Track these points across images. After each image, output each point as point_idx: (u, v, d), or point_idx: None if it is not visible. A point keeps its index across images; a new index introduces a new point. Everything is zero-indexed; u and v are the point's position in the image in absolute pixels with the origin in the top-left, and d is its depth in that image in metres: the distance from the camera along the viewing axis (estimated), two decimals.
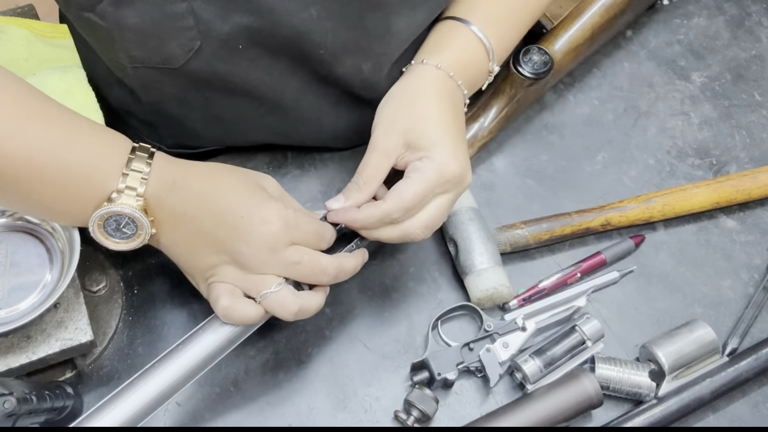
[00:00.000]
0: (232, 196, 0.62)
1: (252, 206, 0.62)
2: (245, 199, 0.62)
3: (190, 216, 0.61)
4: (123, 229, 0.61)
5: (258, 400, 0.72)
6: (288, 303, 0.62)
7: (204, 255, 0.63)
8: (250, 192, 0.63)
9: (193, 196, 0.61)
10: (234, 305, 0.62)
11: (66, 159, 0.58)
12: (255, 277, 0.62)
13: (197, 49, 0.66)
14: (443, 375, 0.70)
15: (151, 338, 0.74)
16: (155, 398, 0.62)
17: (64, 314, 0.67)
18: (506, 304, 0.77)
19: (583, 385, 0.69)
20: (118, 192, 0.59)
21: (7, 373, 0.64)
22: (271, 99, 0.74)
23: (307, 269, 0.63)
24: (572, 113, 0.91)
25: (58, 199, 0.59)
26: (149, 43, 0.66)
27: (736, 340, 0.75)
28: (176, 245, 0.64)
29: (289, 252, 0.62)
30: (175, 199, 0.61)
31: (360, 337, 0.75)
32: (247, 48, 0.68)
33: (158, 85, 0.72)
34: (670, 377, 0.72)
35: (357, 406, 0.72)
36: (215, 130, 0.81)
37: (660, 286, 0.80)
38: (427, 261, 0.80)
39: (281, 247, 0.62)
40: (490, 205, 0.84)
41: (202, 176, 0.63)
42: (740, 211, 0.85)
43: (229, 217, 0.61)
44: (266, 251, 0.61)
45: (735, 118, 0.92)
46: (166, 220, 0.62)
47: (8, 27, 0.79)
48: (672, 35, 0.98)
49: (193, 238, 0.62)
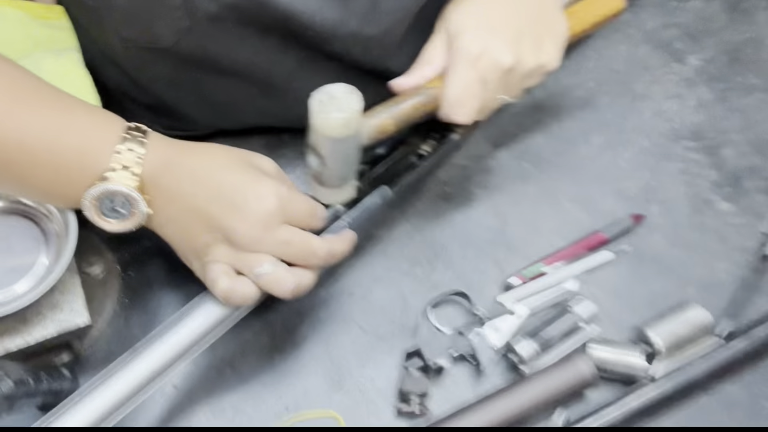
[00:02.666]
0: (226, 172, 0.62)
1: (246, 182, 0.61)
2: (240, 175, 0.62)
3: (184, 193, 0.61)
4: (118, 209, 0.61)
5: (254, 382, 0.72)
6: (285, 281, 0.62)
7: (198, 233, 0.62)
8: (245, 169, 0.63)
9: (187, 174, 0.61)
10: (234, 286, 0.62)
11: (59, 140, 0.58)
12: (249, 256, 0.62)
13: (186, 29, 0.66)
14: (436, 362, 0.71)
15: (148, 320, 0.74)
16: (148, 377, 0.61)
17: (60, 296, 0.67)
18: (508, 279, 0.77)
19: (577, 367, 0.69)
20: (112, 171, 0.59)
21: (3, 356, 0.64)
22: (263, 80, 0.74)
23: (298, 249, 0.63)
24: (568, 96, 0.91)
25: (53, 180, 0.59)
26: (137, 23, 0.66)
27: (730, 322, 0.76)
28: (170, 223, 0.63)
29: (281, 231, 0.62)
30: (169, 178, 0.61)
31: (355, 318, 0.75)
32: (235, 27, 0.67)
33: (150, 66, 0.72)
34: (664, 358, 0.72)
35: (352, 386, 0.72)
36: (208, 113, 0.81)
37: (654, 268, 0.80)
38: (422, 243, 0.80)
39: (274, 224, 0.61)
40: (485, 188, 0.84)
41: (197, 154, 0.63)
42: (735, 193, 0.85)
43: (224, 193, 0.61)
44: (260, 228, 0.61)
45: (730, 101, 0.92)
46: (161, 198, 0.61)
47: (3, 8, 0.79)
48: (668, 18, 0.98)
49: (186, 216, 0.62)
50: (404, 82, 0.69)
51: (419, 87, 0.68)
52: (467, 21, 0.69)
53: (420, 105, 0.68)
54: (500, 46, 0.67)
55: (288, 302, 0.75)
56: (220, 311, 0.64)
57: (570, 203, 0.84)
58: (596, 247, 0.80)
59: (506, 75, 0.68)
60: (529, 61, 0.69)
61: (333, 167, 0.66)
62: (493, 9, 0.69)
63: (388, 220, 0.81)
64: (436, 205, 0.83)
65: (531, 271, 0.78)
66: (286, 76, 0.75)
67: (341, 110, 0.62)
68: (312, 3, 0.67)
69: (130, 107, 0.83)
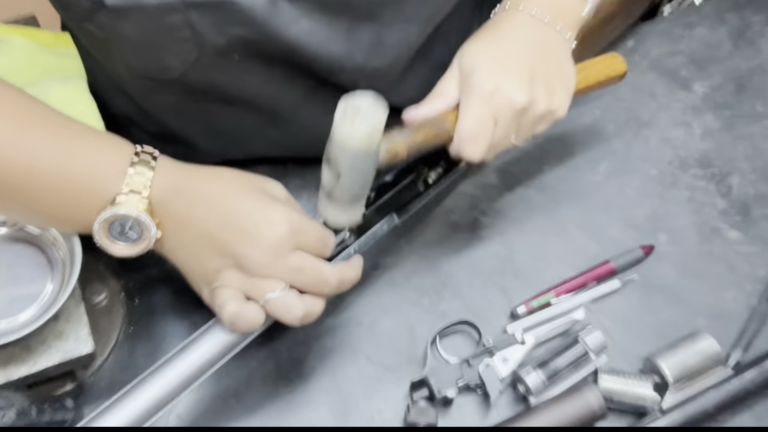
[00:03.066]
0: (239, 198, 0.62)
1: (258, 209, 0.61)
2: (251, 201, 0.62)
3: (196, 218, 0.61)
4: (128, 233, 0.60)
5: (259, 413, 0.71)
6: (294, 307, 0.61)
7: (208, 258, 0.62)
8: (257, 195, 0.62)
9: (199, 198, 0.61)
10: (241, 310, 0.61)
11: (67, 166, 0.58)
12: (259, 281, 0.61)
13: (194, 60, 0.66)
14: (443, 393, 0.70)
15: (152, 349, 0.73)
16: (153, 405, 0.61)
17: (64, 325, 0.66)
18: (516, 309, 0.77)
19: (585, 398, 0.69)
20: (122, 195, 0.58)
21: (7, 385, 0.64)
22: (269, 110, 0.74)
23: (310, 277, 0.62)
24: (573, 123, 0.91)
25: (62, 206, 0.59)
26: (146, 54, 0.66)
27: (740, 352, 0.75)
28: (181, 248, 0.63)
29: (293, 257, 0.61)
30: (180, 202, 0.61)
31: (362, 348, 0.75)
32: (243, 59, 0.68)
33: (157, 96, 0.72)
34: (674, 389, 0.71)
35: (359, 418, 0.71)
36: (216, 142, 0.81)
37: (663, 298, 0.80)
38: (429, 272, 0.80)
39: (286, 251, 0.61)
40: (492, 216, 0.83)
41: (209, 179, 0.63)
42: (743, 222, 0.85)
43: (236, 219, 0.60)
44: (271, 255, 0.60)
45: (737, 129, 0.92)
46: (171, 222, 0.61)
47: (10, 36, 0.79)
48: (673, 45, 0.98)
49: (197, 241, 0.62)
50: (417, 113, 0.69)
51: (431, 119, 0.68)
52: (483, 58, 0.68)
53: (432, 136, 0.68)
54: (514, 86, 0.67)
55: (294, 331, 0.74)
56: (227, 338, 0.63)
57: (577, 231, 0.84)
58: (605, 277, 0.80)
59: (518, 115, 0.68)
60: (542, 104, 0.69)
61: (348, 183, 0.64)
62: (509, 49, 0.69)
63: (394, 248, 0.81)
64: (443, 234, 0.82)
65: (540, 302, 0.77)
66: (292, 105, 0.75)
67: (366, 121, 0.61)
68: (318, 36, 0.67)
69: (137, 135, 0.82)
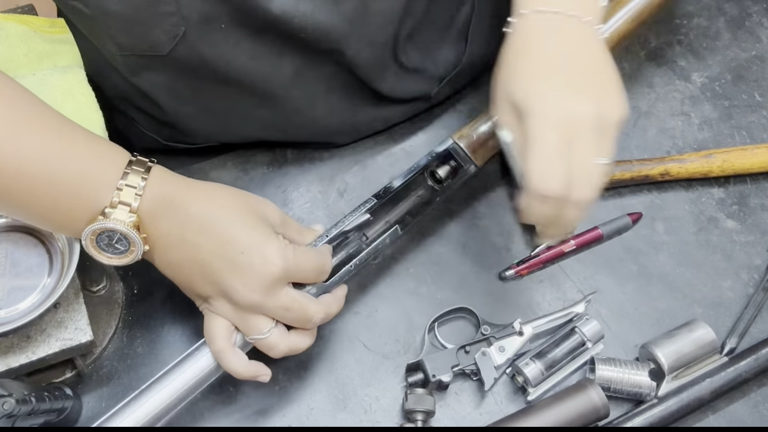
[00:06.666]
0: (234, 228, 0.61)
1: (254, 242, 0.61)
2: (248, 232, 0.61)
3: (187, 242, 0.60)
4: (115, 245, 0.60)
5: (258, 401, 0.72)
6: (277, 346, 0.63)
7: (198, 283, 0.62)
8: (254, 224, 0.62)
9: (192, 222, 0.60)
10: (226, 354, 0.63)
11: (58, 171, 0.57)
12: (248, 317, 0.62)
13: (182, 35, 0.66)
14: (438, 377, 0.70)
15: (151, 338, 0.74)
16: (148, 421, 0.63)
17: (63, 314, 0.67)
18: (504, 272, 0.78)
19: (589, 396, 0.69)
20: (111, 207, 0.58)
21: (6, 373, 0.64)
22: (261, 87, 0.74)
23: (296, 316, 0.63)
24: None
25: (51, 210, 0.59)
26: (134, 29, 0.66)
27: (736, 340, 0.75)
28: (170, 267, 0.63)
29: (282, 296, 0.62)
30: (172, 222, 0.60)
31: (360, 337, 0.75)
32: (229, 30, 0.68)
33: (149, 76, 0.72)
34: (670, 377, 0.72)
35: (357, 406, 0.72)
36: (208, 124, 0.80)
37: (660, 287, 0.80)
38: (427, 261, 0.80)
39: (277, 288, 0.61)
40: (490, 206, 0.83)
41: (203, 199, 0.62)
42: (740, 211, 0.85)
43: (229, 250, 0.60)
44: (260, 293, 0.60)
45: (735, 119, 0.92)
46: (162, 240, 0.61)
47: (6, 23, 0.79)
48: (672, 35, 0.98)
49: (188, 265, 0.62)
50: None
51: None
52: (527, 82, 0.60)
53: None
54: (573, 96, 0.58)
55: None
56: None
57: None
58: (592, 242, 0.81)
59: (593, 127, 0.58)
60: (610, 107, 0.59)
61: None
62: (551, 60, 0.60)
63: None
64: (441, 224, 0.82)
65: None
66: (283, 85, 0.74)
67: None
68: (303, 7, 0.67)
69: (134, 116, 0.82)
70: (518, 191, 0.60)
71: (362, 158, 0.85)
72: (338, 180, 0.84)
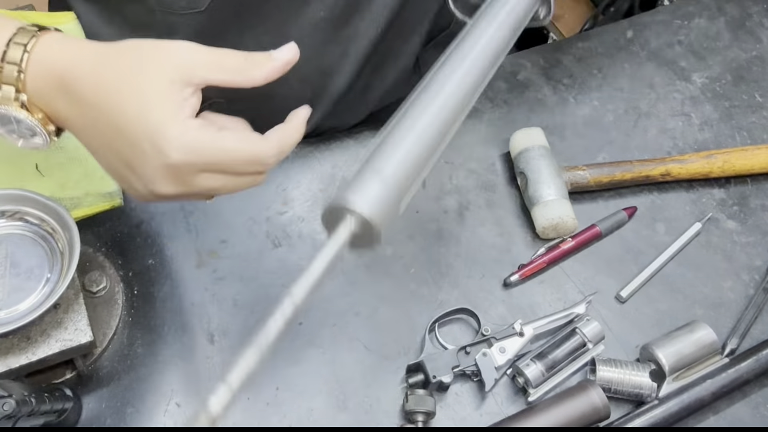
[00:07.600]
0: (125, 117, 0.51)
1: (148, 129, 0.50)
2: (144, 116, 0.51)
3: (88, 129, 0.54)
4: (19, 129, 0.54)
5: (259, 401, 0.71)
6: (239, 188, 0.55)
7: (118, 165, 0.54)
8: (153, 104, 0.51)
9: (85, 108, 0.53)
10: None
11: None
12: (188, 191, 0.54)
13: None
14: (438, 378, 0.70)
15: (151, 339, 0.74)
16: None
17: (63, 315, 0.66)
18: (509, 278, 0.78)
19: (590, 397, 0.69)
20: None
21: (6, 373, 0.64)
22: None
23: (234, 183, 0.54)
24: (573, 114, 0.91)
25: None
26: None
27: (736, 341, 0.75)
28: (88, 146, 0.56)
29: (200, 182, 0.52)
30: (67, 106, 0.53)
31: (360, 338, 0.75)
32: None
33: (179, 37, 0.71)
34: (671, 378, 0.71)
35: (357, 407, 0.72)
36: None
37: (660, 288, 0.80)
38: (429, 262, 0.80)
39: (188, 176, 0.52)
40: (490, 207, 0.83)
41: (93, 81, 0.52)
42: (741, 212, 0.85)
43: (120, 143, 0.52)
44: (171, 181, 0.52)
45: (735, 119, 0.92)
46: (67, 124, 0.55)
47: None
48: (672, 36, 0.98)
49: (100, 152, 0.55)
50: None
51: None
52: None
53: None
54: None
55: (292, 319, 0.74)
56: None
57: None
58: (592, 240, 0.81)
59: None
60: None
61: None
62: None
63: (392, 240, 0.81)
64: (442, 225, 0.82)
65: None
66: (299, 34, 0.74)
67: None
68: None
69: None
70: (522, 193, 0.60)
71: None
72: (339, 178, 0.84)
